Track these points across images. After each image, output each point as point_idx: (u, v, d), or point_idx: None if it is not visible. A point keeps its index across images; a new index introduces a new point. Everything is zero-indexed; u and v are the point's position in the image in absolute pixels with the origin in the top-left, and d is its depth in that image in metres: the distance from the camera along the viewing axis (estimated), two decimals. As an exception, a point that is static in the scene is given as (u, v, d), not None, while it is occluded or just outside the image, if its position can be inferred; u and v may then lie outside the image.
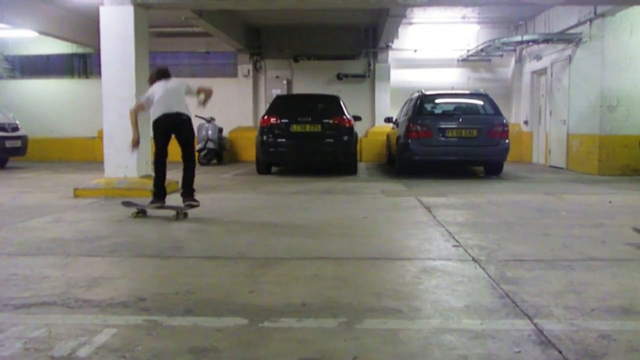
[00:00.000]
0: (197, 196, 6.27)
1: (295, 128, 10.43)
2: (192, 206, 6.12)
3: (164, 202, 6.19)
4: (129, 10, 7.88)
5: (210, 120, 13.55)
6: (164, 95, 6.14)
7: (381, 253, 4.32)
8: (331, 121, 10.45)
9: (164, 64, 7.09)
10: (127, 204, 6.22)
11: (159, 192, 6.22)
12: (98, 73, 9.46)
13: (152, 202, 6.16)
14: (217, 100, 15.29)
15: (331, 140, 10.39)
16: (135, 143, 6.20)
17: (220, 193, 8.15)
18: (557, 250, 4.34)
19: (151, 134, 8.92)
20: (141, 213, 6.03)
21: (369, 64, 15.45)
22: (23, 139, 12.84)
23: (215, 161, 13.67)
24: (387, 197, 7.72)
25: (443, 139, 9.99)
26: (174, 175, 10.30)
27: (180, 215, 5.90)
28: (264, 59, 15.63)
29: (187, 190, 6.27)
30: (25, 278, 3.54)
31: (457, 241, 4.64)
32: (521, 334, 2.59)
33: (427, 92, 10.90)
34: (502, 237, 4.89)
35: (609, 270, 3.79)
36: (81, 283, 3.41)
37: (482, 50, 13.87)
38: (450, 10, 13.36)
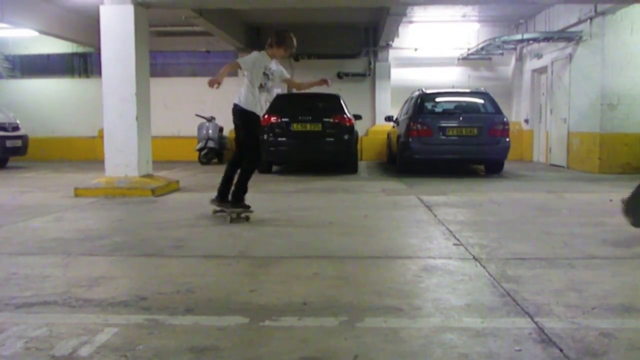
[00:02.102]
0: (198, 195, 6.23)
1: (295, 127, 10.43)
2: (223, 211, 5.67)
3: (219, 202, 5.74)
4: (129, 9, 7.87)
5: (211, 119, 13.56)
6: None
7: (382, 252, 4.32)
8: (332, 120, 10.45)
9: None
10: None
11: (219, 191, 5.74)
12: (98, 72, 9.46)
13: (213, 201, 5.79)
14: (218, 99, 15.37)
15: (332, 139, 10.39)
16: (214, 82, 5.46)
17: (221, 192, 8.14)
18: (557, 249, 4.33)
19: (153, 132, 8.91)
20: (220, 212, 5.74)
21: (370, 63, 15.45)
22: (24, 138, 12.85)
23: (216, 160, 13.67)
24: (388, 195, 7.72)
25: (443, 137, 9.99)
26: (174, 174, 10.34)
27: (235, 217, 5.54)
28: (264, 58, 15.60)
29: (232, 194, 5.63)
30: (26, 277, 3.54)
31: (457, 240, 4.64)
32: (522, 332, 2.59)
33: (428, 91, 10.90)
34: (502, 235, 4.88)
35: (610, 268, 3.79)
36: (82, 282, 3.41)
37: (482, 48, 13.86)
38: (451, 8, 13.36)
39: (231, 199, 5.63)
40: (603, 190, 7.95)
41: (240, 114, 5.66)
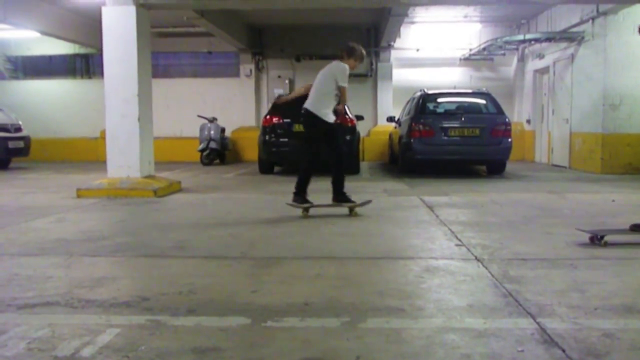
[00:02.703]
0: (200, 196, 6.26)
1: (297, 128, 10.42)
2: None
3: (300, 199, 6.12)
4: (131, 10, 7.88)
5: (213, 120, 13.57)
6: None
7: (384, 252, 4.32)
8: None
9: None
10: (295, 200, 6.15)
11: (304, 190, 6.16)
12: (100, 73, 9.49)
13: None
14: (219, 100, 15.42)
15: (333, 139, 10.37)
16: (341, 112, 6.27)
17: (223, 193, 8.16)
18: (560, 249, 4.33)
19: (155, 133, 8.93)
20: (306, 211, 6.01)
21: (371, 64, 15.44)
22: (26, 139, 12.87)
23: (217, 161, 13.68)
24: (390, 196, 7.72)
25: (445, 138, 9.99)
26: (176, 175, 10.35)
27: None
28: (266, 58, 15.63)
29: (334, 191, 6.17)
30: (29, 278, 3.55)
31: (460, 240, 4.64)
32: (524, 333, 2.59)
33: (430, 92, 10.89)
34: (505, 236, 4.88)
35: (612, 269, 3.78)
36: (84, 283, 3.42)
37: (484, 49, 13.85)
38: (453, 9, 13.35)
39: (339, 196, 6.11)
40: (605, 191, 7.94)
41: (323, 124, 6.03)
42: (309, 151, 6.18)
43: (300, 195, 6.08)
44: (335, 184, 6.15)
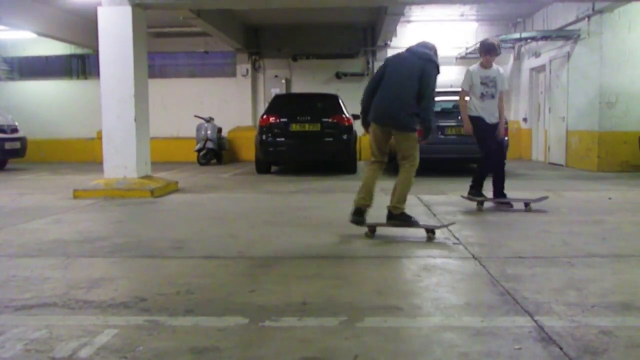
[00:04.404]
0: (197, 196, 6.25)
1: (294, 127, 10.43)
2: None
3: (474, 195, 6.34)
4: (127, 10, 7.86)
5: (210, 120, 13.55)
6: None
7: (381, 251, 4.32)
8: (330, 120, 10.44)
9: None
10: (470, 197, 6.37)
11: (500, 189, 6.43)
12: (97, 74, 9.46)
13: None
14: (216, 99, 15.41)
15: (330, 139, 10.39)
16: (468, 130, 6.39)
17: (220, 193, 8.15)
18: (557, 247, 4.34)
19: (151, 133, 8.91)
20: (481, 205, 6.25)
21: (368, 63, 15.44)
22: (22, 140, 12.84)
23: (214, 161, 13.66)
24: (387, 195, 7.70)
25: (442, 136, 9.99)
26: (173, 175, 10.33)
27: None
28: (262, 58, 15.62)
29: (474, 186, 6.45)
30: (26, 279, 3.54)
31: (457, 239, 4.64)
32: (522, 331, 2.59)
33: (426, 90, 10.88)
34: (502, 234, 4.89)
35: (609, 266, 3.79)
36: (82, 284, 3.41)
37: (481, 48, 13.84)
38: (449, 8, 13.35)
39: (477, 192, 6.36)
40: (602, 189, 7.96)
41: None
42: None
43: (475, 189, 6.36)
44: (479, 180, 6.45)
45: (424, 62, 4.84)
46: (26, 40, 14.77)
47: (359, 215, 4.87)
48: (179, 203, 7.19)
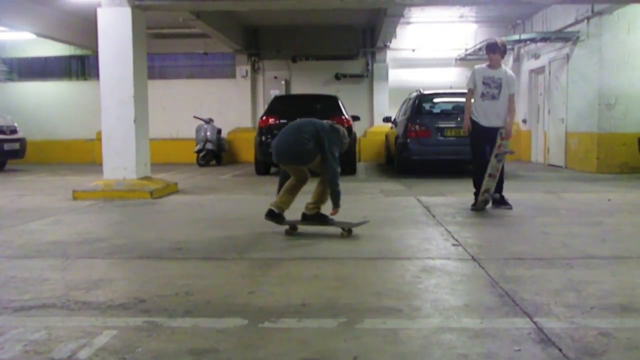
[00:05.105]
0: (196, 197, 6.25)
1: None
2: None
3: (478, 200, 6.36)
4: (127, 11, 7.87)
5: (209, 121, 13.55)
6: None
7: (381, 253, 4.32)
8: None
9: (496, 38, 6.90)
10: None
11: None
12: (96, 75, 9.47)
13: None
14: (216, 101, 15.42)
15: (330, 140, 10.36)
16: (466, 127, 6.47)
17: (219, 194, 8.15)
18: (556, 249, 4.34)
19: (151, 135, 8.90)
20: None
21: (367, 64, 15.47)
22: (21, 141, 12.84)
23: (214, 162, 13.67)
24: (386, 196, 7.72)
25: (441, 138, 9.99)
26: (173, 176, 10.33)
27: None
28: (262, 59, 15.63)
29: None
30: (25, 280, 3.54)
31: (456, 240, 4.64)
32: (521, 333, 2.59)
33: (426, 92, 10.90)
34: (501, 235, 4.89)
35: (609, 268, 3.79)
36: (81, 285, 3.41)
37: (480, 49, 13.83)
38: (448, 9, 13.37)
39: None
40: (601, 190, 7.96)
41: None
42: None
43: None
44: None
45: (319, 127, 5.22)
46: (26, 41, 14.78)
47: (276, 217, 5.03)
48: (178, 204, 7.19)
